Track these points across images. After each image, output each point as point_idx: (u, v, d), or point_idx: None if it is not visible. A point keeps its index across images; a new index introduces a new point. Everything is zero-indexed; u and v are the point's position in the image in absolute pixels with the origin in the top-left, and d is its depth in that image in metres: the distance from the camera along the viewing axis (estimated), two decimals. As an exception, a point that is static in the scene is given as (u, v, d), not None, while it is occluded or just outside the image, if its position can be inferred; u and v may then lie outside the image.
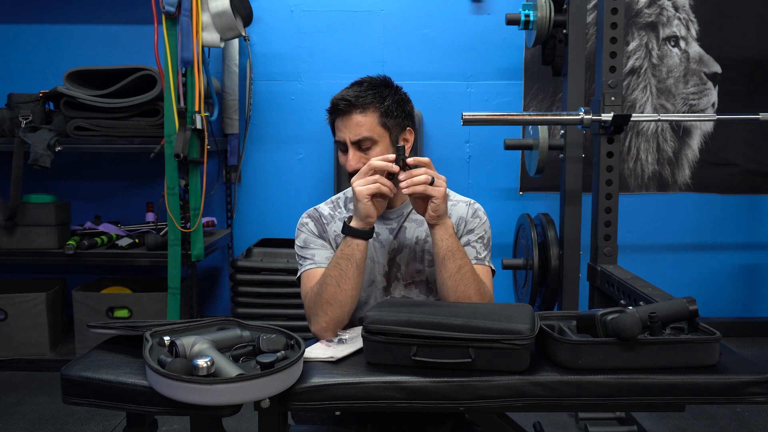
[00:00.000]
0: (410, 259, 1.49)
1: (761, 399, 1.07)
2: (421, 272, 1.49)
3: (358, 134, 1.43)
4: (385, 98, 1.47)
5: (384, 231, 1.51)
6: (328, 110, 1.49)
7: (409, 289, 1.49)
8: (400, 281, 1.49)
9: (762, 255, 3.45)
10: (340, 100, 1.45)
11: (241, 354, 1.10)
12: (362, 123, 1.43)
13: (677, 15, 3.29)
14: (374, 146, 1.45)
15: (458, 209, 1.53)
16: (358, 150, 1.44)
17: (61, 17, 3.26)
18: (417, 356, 1.10)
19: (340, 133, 1.46)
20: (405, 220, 1.52)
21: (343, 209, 1.57)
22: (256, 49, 3.28)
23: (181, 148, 2.56)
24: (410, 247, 1.49)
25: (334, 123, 1.49)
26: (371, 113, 1.44)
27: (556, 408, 1.13)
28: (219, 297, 3.48)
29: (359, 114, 1.44)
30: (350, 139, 1.44)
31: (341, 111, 1.45)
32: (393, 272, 1.50)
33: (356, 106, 1.44)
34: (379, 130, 1.45)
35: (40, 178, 3.14)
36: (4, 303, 2.88)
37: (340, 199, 1.61)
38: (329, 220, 1.55)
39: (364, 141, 1.44)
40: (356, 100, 1.45)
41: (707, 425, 2.35)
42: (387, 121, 1.46)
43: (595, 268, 2.44)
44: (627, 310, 1.11)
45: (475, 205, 1.55)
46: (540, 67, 3.25)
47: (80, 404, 1.11)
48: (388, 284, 1.50)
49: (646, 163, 3.38)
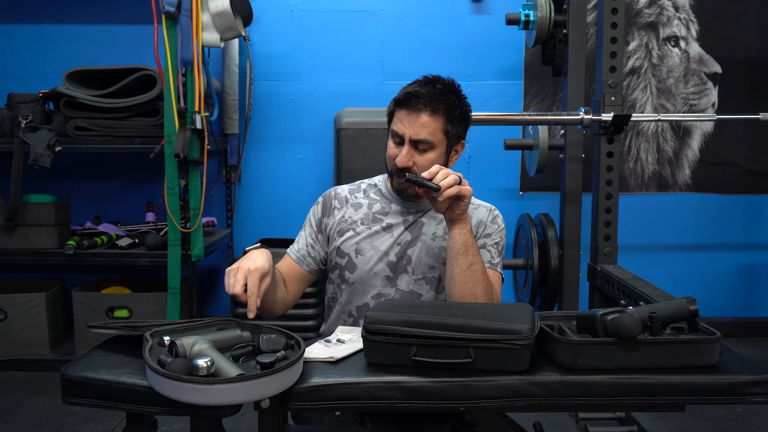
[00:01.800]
0: (424, 255, 1.48)
1: (761, 399, 1.07)
2: (433, 269, 1.48)
3: (419, 134, 1.41)
4: (455, 107, 1.45)
5: (397, 221, 1.51)
6: (396, 99, 1.45)
7: (419, 285, 1.48)
8: (410, 275, 1.48)
9: (762, 255, 3.45)
10: (414, 96, 1.41)
11: (241, 354, 1.10)
12: (428, 125, 1.41)
13: (677, 15, 3.29)
14: (430, 150, 1.44)
15: (479, 213, 1.54)
16: (413, 149, 1.43)
17: (60, 17, 3.27)
18: (417, 356, 1.10)
19: (401, 127, 1.43)
20: (424, 215, 1.52)
21: (360, 194, 1.58)
22: (256, 49, 3.28)
23: (181, 148, 2.56)
24: (426, 243, 1.49)
25: (397, 113, 1.45)
26: (439, 118, 1.42)
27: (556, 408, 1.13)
28: (219, 297, 3.48)
29: (428, 115, 1.41)
30: (411, 137, 1.42)
31: (412, 106, 1.41)
32: (401, 264, 1.48)
33: (428, 106, 1.41)
34: (440, 137, 1.44)
35: (40, 178, 3.14)
36: (4, 303, 2.88)
37: (364, 182, 1.62)
38: (342, 203, 1.56)
39: (423, 143, 1.42)
40: (430, 100, 1.41)
41: (707, 425, 2.35)
42: (450, 130, 1.44)
43: (595, 268, 2.44)
44: (627, 310, 1.11)
45: (495, 212, 1.57)
46: (540, 67, 3.25)
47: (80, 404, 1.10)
48: (395, 275, 1.48)
49: (646, 163, 3.38)
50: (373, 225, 1.51)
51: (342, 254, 1.51)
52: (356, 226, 1.51)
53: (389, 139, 1.48)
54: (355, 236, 1.50)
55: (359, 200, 1.56)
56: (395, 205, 1.53)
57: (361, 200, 1.56)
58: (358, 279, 1.49)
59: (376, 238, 1.49)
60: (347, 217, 1.53)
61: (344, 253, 1.50)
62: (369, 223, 1.51)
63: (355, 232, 1.51)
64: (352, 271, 1.49)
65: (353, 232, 1.51)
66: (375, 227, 1.50)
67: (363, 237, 1.50)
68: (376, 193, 1.58)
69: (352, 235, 1.50)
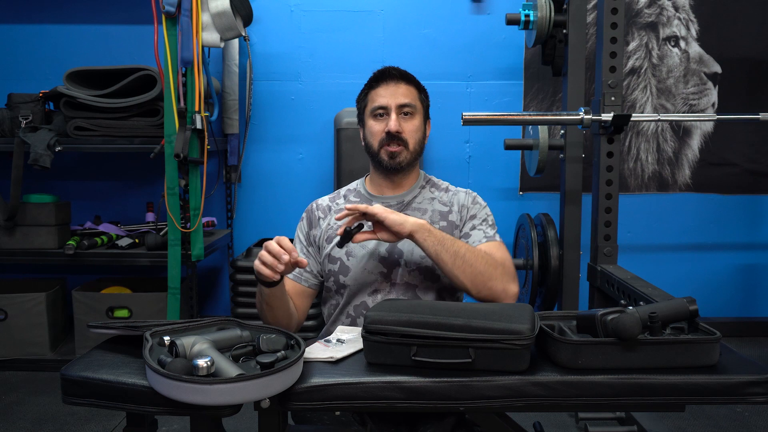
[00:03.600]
0: (414, 246, 1.48)
1: (761, 399, 1.07)
2: (425, 258, 1.48)
3: (403, 100, 1.52)
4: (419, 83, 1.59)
5: None
6: (369, 82, 1.56)
7: (413, 276, 1.49)
8: (403, 267, 1.49)
9: (762, 255, 3.45)
10: (388, 71, 1.55)
11: (241, 354, 1.10)
12: (408, 93, 1.54)
13: (677, 15, 3.29)
14: (414, 115, 1.54)
15: (459, 197, 1.59)
16: (400, 115, 1.52)
17: (61, 17, 3.27)
18: (417, 356, 1.10)
19: (383, 99, 1.52)
20: (406, 207, 1.56)
21: (341, 200, 1.62)
22: (256, 49, 3.28)
23: (181, 148, 2.56)
24: None
25: (373, 92, 1.55)
26: (413, 88, 1.56)
27: (556, 408, 1.13)
28: (219, 297, 3.48)
29: (406, 85, 1.54)
30: (396, 104, 1.51)
31: (391, 77, 1.53)
32: (394, 258, 1.50)
33: (402, 78, 1.55)
34: (419, 104, 1.56)
35: (40, 178, 3.14)
36: (4, 303, 2.88)
37: (342, 190, 1.67)
38: (326, 212, 1.60)
39: (408, 106, 1.52)
40: (402, 74, 1.56)
41: (707, 425, 2.35)
42: (424, 100, 1.59)
43: (595, 268, 2.44)
44: (627, 310, 1.11)
45: (473, 193, 1.61)
46: (540, 67, 3.25)
47: (80, 404, 1.10)
48: (389, 271, 1.50)
49: (646, 163, 3.38)
50: None
51: (333, 260, 1.53)
52: None
53: (368, 120, 1.55)
54: None
55: (341, 206, 1.59)
56: (375, 202, 1.56)
57: (343, 206, 1.57)
58: (353, 281, 1.50)
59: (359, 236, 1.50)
60: (333, 224, 1.56)
61: (335, 259, 1.53)
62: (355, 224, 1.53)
63: None
64: (346, 274, 1.51)
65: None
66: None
67: None
68: (356, 196, 1.62)
69: None
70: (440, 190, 1.62)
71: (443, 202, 1.59)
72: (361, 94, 1.59)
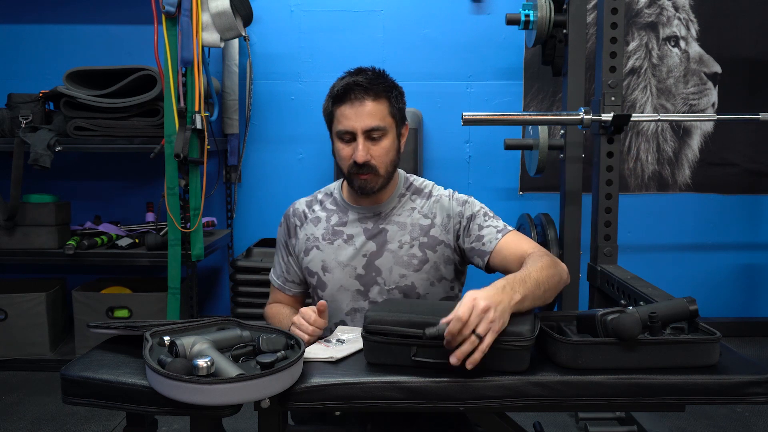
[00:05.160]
0: (393, 264, 1.43)
1: (761, 399, 1.07)
2: (405, 277, 1.43)
3: (370, 124, 1.36)
4: (392, 87, 1.41)
5: (358, 230, 1.46)
6: (332, 97, 1.40)
7: (392, 295, 1.43)
8: (381, 285, 1.43)
9: (762, 255, 3.45)
10: (354, 86, 1.36)
11: (241, 354, 1.10)
12: (375, 112, 1.36)
13: (677, 15, 3.29)
14: (384, 137, 1.39)
15: (442, 206, 1.47)
16: (368, 140, 1.37)
17: (61, 17, 3.27)
18: (417, 356, 1.10)
19: (348, 122, 1.37)
20: (385, 221, 1.46)
21: (317, 206, 1.53)
22: (256, 49, 3.28)
23: (181, 148, 2.56)
24: (393, 252, 1.43)
25: (338, 111, 1.39)
26: (383, 101, 1.38)
27: (556, 408, 1.13)
28: (219, 297, 3.48)
29: (372, 102, 1.36)
30: (362, 129, 1.36)
31: (353, 98, 1.36)
32: (371, 276, 1.44)
33: (370, 92, 1.36)
34: (390, 121, 1.40)
35: (40, 178, 3.14)
36: (4, 303, 2.88)
37: (320, 193, 1.57)
38: (302, 219, 1.53)
39: (376, 131, 1.37)
40: (370, 86, 1.36)
41: (707, 425, 2.35)
42: (395, 112, 1.41)
43: (595, 268, 2.44)
44: (627, 310, 1.11)
45: (455, 195, 1.49)
46: (540, 67, 3.25)
47: (80, 404, 1.11)
48: (366, 289, 1.44)
49: (646, 163, 3.38)
50: (335, 239, 1.47)
51: (311, 273, 1.49)
52: (319, 242, 1.48)
53: (335, 141, 1.42)
54: (320, 253, 1.47)
55: (317, 214, 1.52)
56: (351, 212, 1.49)
57: (319, 213, 1.52)
58: (330, 297, 1.46)
59: (339, 252, 1.45)
60: (309, 234, 1.50)
61: (313, 272, 1.49)
62: (330, 237, 1.48)
63: (319, 249, 1.48)
64: (324, 289, 1.47)
65: (317, 250, 1.48)
66: (337, 241, 1.47)
67: (327, 253, 1.46)
68: (332, 203, 1.53)
69: (317, 253, 1.48)
70: (422, 196, 1.50)
71: (424, 213, 1.47)
72: (326, 102, 1.43)
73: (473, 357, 1.04)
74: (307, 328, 1.27)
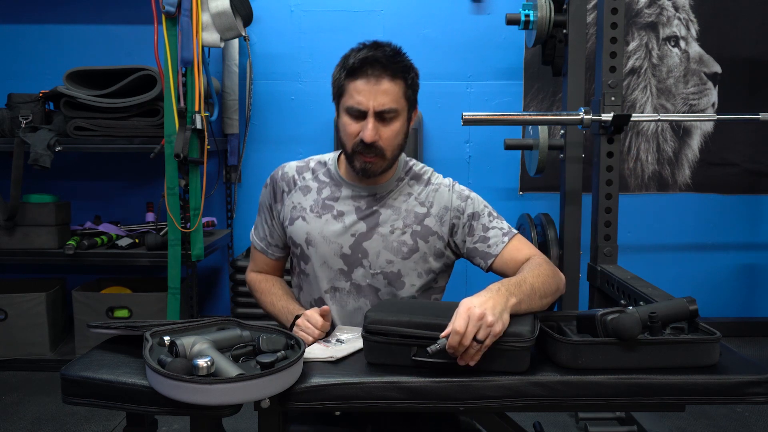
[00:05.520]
0: (382, 248, 1.38)
1: (761, 399, 1.07)
2: (392, 263, 1.38)
3: (384, 104, 1.28)
4: (409, 69, 1.32)
5: (349, 208, 1.41)
6: (346, 68, 1.30)
7: (376, 279, 1.39)
8: (366, 269, 1.38)
9: (762, 255, 3.45)
10: (372, 61, 1.26)
11: (241, 354, 1.10)
12: (390, 92, 1.28)
13: (677, 15, 3.29)
14: (395, 119, 1.31)
15: (440, 196, 1.42)
16: (378, 120, 1.29)
17: (61, 17, 3.26)
18: (417, 357, 1.10)
19: (361, 98, 1.28)
20: (379, 203, 1.40)
21: (309, 174, 1.46)
22: (256, 49, 3.28)
23: (181, 148, 2.56)
24: (383, 236, 1.38)
25: (351, 85, 1.30)
26: (399, 82, 1.30)
27: (556, 408, 1.13)
28: (219, 297, 3.48)
29: (388, 81, 1.28)
30: (375, 108, 1.28)
31: (369, 73, 1.27)
32: (356, 257, 1.38)
33: (387, 70, 1.27)
34: (403, 103, 1.32)
35: (40, 178, 3.14)
36: (4, 303, 2.88)
37: (312, 160, 1.50)
38: (291, 185, 1.46)
39: (389, 112, 1.29)
40: (388, 64, 1.27)
41: (707, 425, 2.35)
42: (410, 95, 1.33)
43: (595, 268, 2.44)
44: (627, 310, 1.11)
45: (456, 187, 1.44)
46: (540, 67, 3.25)
47: (80, 404, 1.11)
48: (350, 269, 1.39)
49: (646, 163, 3.38)
50: (323, 212, 1.41)
51: (295, 244, 1.44)
52: (305, 213, 1.42)
53: (342, 115, 1.33)
54: (305, 225, 1.41)
55: (308, 182, 1.45)
56: (345, 189, 1.42)
57: (310, 182, 1.45)
58: (311, 271, 1.42)
59: (327, 227, 1.40)
60: (296, 203, 1.44)
61: (297, 243, 1.43)
62: (319, 210, 1.42)
63: (304, 220, 1.42)
64: (306, 262, 1.42)
65: (303, 221, 1.42)
66: (325, 215, 1.41)
67: (313, 226, 1.41)
68: (325, 175, 1.46)
69: (302, 224, 1.42)
70: (420, 183, 1.44)
71: (421, 200, 1.42)
72: (336, 71, 1.34)
73: (474, 357, 1.07)
74: (313, 332, 1.27)
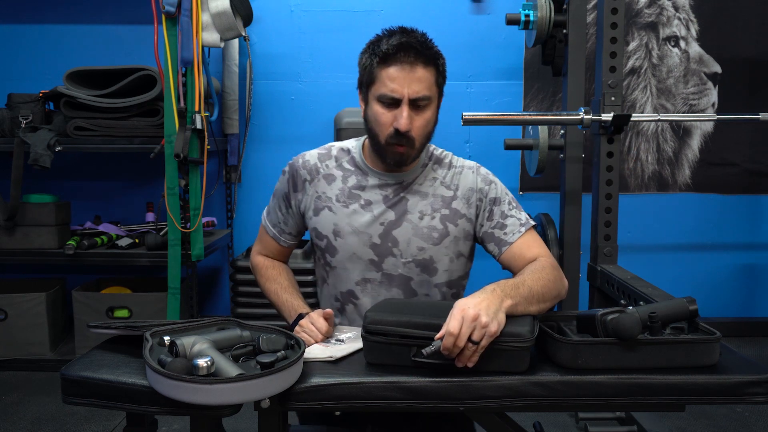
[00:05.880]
0: (412, 236, 1.36)
1: (761, 399, 1.07)
2: (423, 250, 1.36)
3: (418, 92, 1.25)
4: (439, 55, 1.30)
5: (377, 197, 1.38)
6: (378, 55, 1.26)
7: (408, 268, 1.37)
8: (397, 258, 1.36)
9: (762, 255, 3.45)
10: (407, 47, 1.23)
11: (241, 354, 1.10)
12: (424, 79, 1.26)
13: (677, 15, 3.29)
14: (428, 108, 1.29)
15: (465, 178, 1.41)
16: (411, 108, 1.27)
17: (61, 17, 3.26)
18: (417, 357, 1.10)
19: (395, 85, 1.25)
20: (406, 190, 1.39)
21: (332, 162, 1.44)
22: (256, 49, 3.28)
23: (181, 148, 2.56)
24: (413, 223, 1.36)
25: (384, 72, 1.26)
26: (432, 69, 1.27)
27: (556, 408, 1.13)
28: (219, 297, 3.48)
29: (423, 68, 1.25)
30: (410, 96, 1.25)
31: (404, 60, 1.24)
32: (387, 247, 1.36)
33: (421, 57, 1.24)
34: (435, 90, 1.30)
35: (40, 178, 3.14)
36: (4, 303, 2.88)
37: (334, 147, 1.47)
38: (313, 173, 1.43)
39: (423, 100, 1.26)
40: (422, 50, 1.24)
41: (707, 425, 2.35)
42: (442, 82, 1.31)
43: (595, 268, 2.44)
44: (627, 310, 1.11)
45: (482, 170, 1.44)
46: (540, 67, 3.25)
47: (80, 404, 1.11)
48: (379, 259, 1.37)
49: (646, 163, 3.38)
50: (351, 202, 1.38)
51: (320, 236, 1.41)
52: (331, 203, 1.39)
53: (374, 104, 1.30)
54: (332, 216, 1.39)
55: (331, 170, 1.43)
56: (372, 178, 1.40)
57: (334, 171, 1.43)
58: (339, 263, 1.39)
59: (355, 217, 1.37)
60: (321, 192, 1.41)
61: (323, 235, 1.40)
62: (345, 199, 1.39)
63: (331, 211, 1.39)
64: (333, 254, 1.39)
65: (329, 211, 1.39)
66: (353, 205, 1.38)
67: (341, 217, 1.38)
68: (350, 163, 1.43)
69: (328, 215, 1.39)
70: (443, 166, 1.43)
71: (446, 184, 1.40)
72: (366, 58, 1.30)
73: (471, 358, 1.06)
74: (317, 337, 1.26)
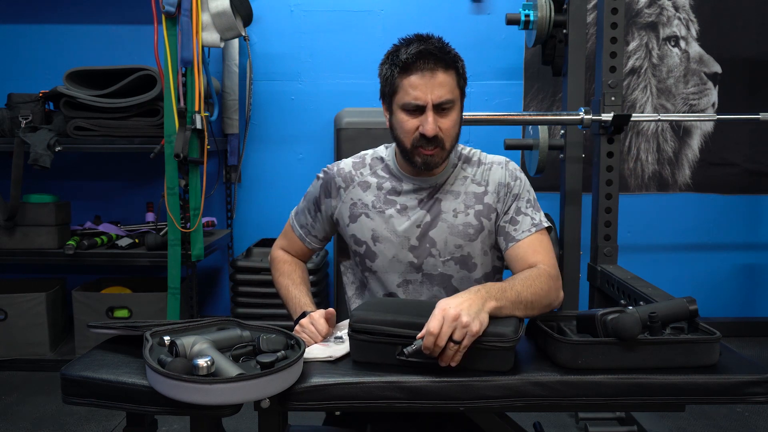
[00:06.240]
0: (448, 234, 1.38)
1: (761, 399, 1.07)
2: (460, 247, 1.38)
3: (441, 96, 1.28)
4: (458, 58, 1.34)
5: (412, 202, 1.41)
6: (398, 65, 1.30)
7: (447, 266, 1.39)
8: (436, 257, 1.39)
9: (762, 255, 3.45)
10: (426, 54, 1.27)
11: (241, 354, 1.10)
12: (445, 83, 1.29)
13: (677, 15, 3.29)
14: (452, 110, 1.32)
15: (495, 174, 1.43)
16: (436, 112, 1.30)
17: (61, 17, 3.26)
18: (402, 356, 1.10)
19: (418, 93, 1.28)
20: (438, 191, 1.41)
21: (366, 170, 1.46)
22: (256, 49, 3.28)
23: (181, 148, 2.56)
24: (448, 222, 1.39)
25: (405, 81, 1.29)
26: (452, 72, 1.31)
27: (556, 408, 1.13)
28: (219, 297, 3.48)
29: (443, 72, 1.29)
30: (433, 101, 1.28)
31: (424, 67, 1.27)
32: (425, 248, 1.39)
33: (440, 62, 1.28)
34: (457, 93, 1.33)
35: (40, 178, 3.14)
36: (4, 303, 2.88)
37: (367, 156, 1.49)
38: (348, 181, 1.46)
39: (446, 103, 1.29)
40: (441, 56, 1.28)
41: (707, 425, 2.35)
42: (463, 84, 1.35)
43: (595, 268, 2.44)
44: (627, 310, 1.11)
45: (510, 165, 1.46)
46: (540, 67, 3.25)
47: (80, 404, 1.11)
48: (419, 261, 1.40)
49: (646, 163, 3.38)
50: (387, 208, 1.41)
51: (359, 242, 1.43)
52: (368, 209, 1.42)
53: (398, 113, 1.33)
54: (370, 222, 1.42)
55: (366, 178, 1.45)
56: (406, 183, 1.42)
57: (369, 178, 1.45)
58: (380, 268, 1.42)
59: (392, 222, 1.40)
60: (356, 199, 1.44)
61: (361, 241, 1.43)
62: (381, 205, 1.42)
63: (368, 217, 1.42)
64: (373, 260, 1.42)
65: (366, 218, 1.42)
66: (389, 210, 1.41)
67: (378, 222, 1.41)
68: (384, 170, 1.46)
69: (366, 221, 1.42)
70: (472, 164, 1.45)
71: (477, 181, 1.43)
72: (386, 69, 1.34)
73: (454, 358, 1.07)
74: (316, 338, 1.26)
